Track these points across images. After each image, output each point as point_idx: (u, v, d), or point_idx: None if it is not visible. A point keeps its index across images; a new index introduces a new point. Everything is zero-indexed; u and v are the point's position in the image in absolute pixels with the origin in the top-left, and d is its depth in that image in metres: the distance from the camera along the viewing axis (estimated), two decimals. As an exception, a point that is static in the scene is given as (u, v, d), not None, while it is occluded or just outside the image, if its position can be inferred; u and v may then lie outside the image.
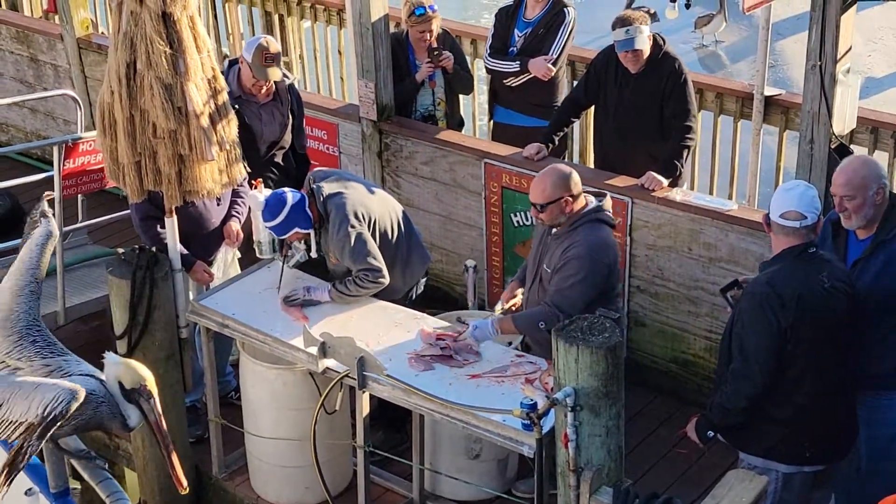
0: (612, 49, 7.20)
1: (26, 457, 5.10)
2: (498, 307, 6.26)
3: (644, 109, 7.18)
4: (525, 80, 7.79)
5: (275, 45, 7.04)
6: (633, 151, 7.27)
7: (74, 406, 5.01)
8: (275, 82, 7.15)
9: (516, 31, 7.88)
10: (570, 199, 5.85)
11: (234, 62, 7.26)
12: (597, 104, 7.46)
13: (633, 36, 7.00)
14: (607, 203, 6.01)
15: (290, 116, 7.34)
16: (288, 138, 7.37)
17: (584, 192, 5.96)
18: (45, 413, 4.99)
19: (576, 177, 5.89)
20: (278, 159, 7.36)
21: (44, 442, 5.07)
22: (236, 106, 7.03)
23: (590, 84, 7.41)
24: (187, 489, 5.11)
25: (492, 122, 8.27)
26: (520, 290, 6.28)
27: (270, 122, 7.25)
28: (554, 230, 5.96)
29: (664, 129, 7.19)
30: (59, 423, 4.98)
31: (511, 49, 7.86)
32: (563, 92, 7.96)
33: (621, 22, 7.06)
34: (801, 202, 5.20)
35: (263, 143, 7.26)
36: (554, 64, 7.71)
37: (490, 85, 8.16)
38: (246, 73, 7.09)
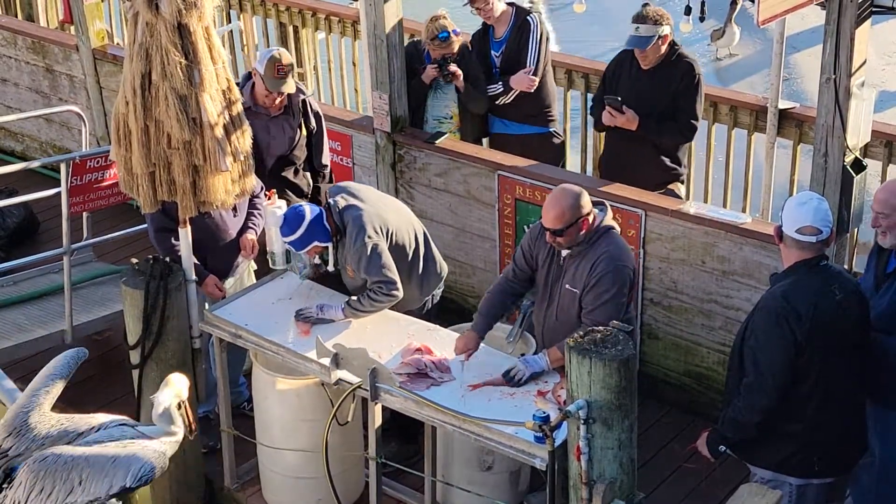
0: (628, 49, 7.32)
1: None
2: (462, 357, 5.98)
3: (654, 106, 7.23)
4: (514, 95, 7.88)
5: (287, 57, 7.05)
6: (641, 147, 7.31)
7: (160, 470, 5.09)
8: (287, 95, 7.16)
9: (492, 51, 7.99)
10: (587, 217, 5.83)
11: (249, 75, 7.28)
12: None
13: (641, 35, 7.13)
14: (608, 212, 6.01)
15: (302, 131, 7.33)
16: (300, 154, 7.36)
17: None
18: (134, 482, 5.03)
19: (585, 193, 5.87)
20: (288, 174, 7.33)
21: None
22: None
23: (606, 84, 7.48)
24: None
25: (489, 134, 8.28)
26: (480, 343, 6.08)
27: (279, 136, 7.24)
28: (565, 251, 5.94)
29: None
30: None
31: (494, 70, 7.96)
32: (553, 96, 8.04)
33: (636, 18, 7.18)
34: (816, 217, 5.18)
35: (270, 156, 7.25)
36: (535, 74, 7.78)
37: None
38: (259, 85, 7.09)
